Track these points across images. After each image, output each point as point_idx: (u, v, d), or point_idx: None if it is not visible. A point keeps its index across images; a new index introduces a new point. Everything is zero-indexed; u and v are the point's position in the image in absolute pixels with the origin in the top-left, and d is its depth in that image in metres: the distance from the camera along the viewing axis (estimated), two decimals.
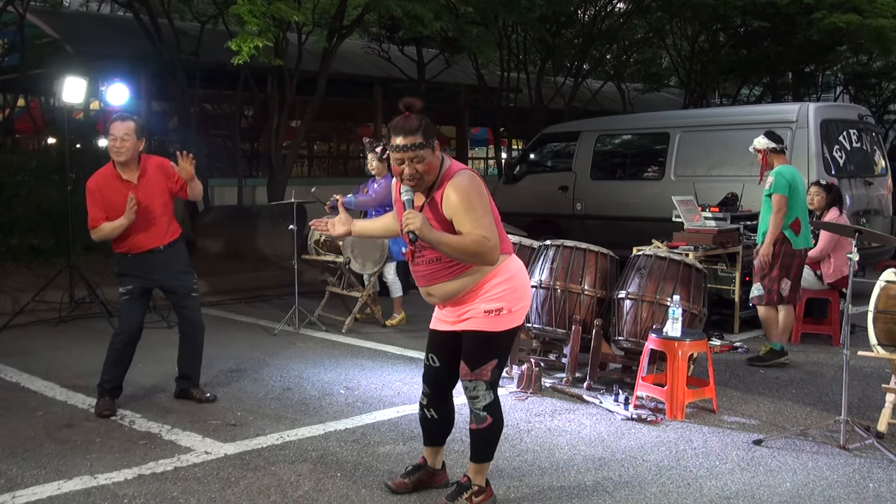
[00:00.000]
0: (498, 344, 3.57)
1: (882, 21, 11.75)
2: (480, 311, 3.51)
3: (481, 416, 3.56)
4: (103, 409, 4.92)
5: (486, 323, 3.51)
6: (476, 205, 3.38)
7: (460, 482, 3.70)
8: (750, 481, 4.01)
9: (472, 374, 3.54)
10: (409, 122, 3.38)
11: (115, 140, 4.85)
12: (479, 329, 3.52)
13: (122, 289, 5.03)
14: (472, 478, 3.66)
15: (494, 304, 3.50)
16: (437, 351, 3.75)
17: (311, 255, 7.90)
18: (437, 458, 3.91)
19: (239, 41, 8.38)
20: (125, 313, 5.04)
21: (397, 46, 14.84)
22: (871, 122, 9.77)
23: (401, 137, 3.36)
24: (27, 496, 3.75)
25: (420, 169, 3.37)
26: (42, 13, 12.71)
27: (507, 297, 3.52)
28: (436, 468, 3.91)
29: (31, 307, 7.67)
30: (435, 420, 3.80)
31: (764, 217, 6.37)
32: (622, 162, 11.16)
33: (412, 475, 3.87)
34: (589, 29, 15.39)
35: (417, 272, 3.59)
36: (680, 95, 18.26)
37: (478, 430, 3.59)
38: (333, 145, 18.57)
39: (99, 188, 4.89)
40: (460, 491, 3.65)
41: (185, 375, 5.27)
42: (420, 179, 3.39)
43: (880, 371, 5.94)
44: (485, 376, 3.54)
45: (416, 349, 6.71)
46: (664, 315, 5.32)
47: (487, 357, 3.54)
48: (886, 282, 4.69)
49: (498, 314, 3.51)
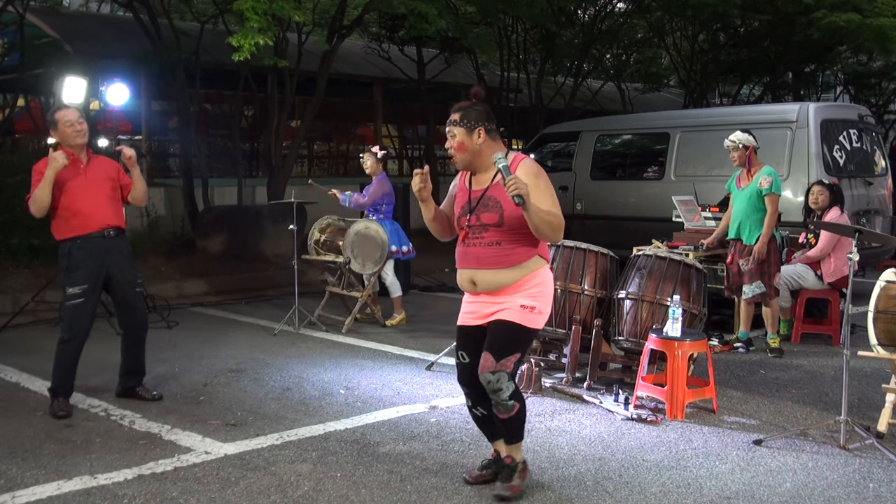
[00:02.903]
0: (524, 339, 3.73)
1: (882, 20, 11.73)
2: (517, 304, 3.67)
3: (509, 405, 3.71)
4: (58, 410, 4.88)
5: (521, 316, 3.66)
6: (549, 184, 3.66)
7: (507, 464, 3.88)
8: (750, 481, 4.01)
9: (497, 364, 3.64)
10: (459, 104, 3.77)
11: (72, 125, 4.89)
12: (512, 320, 3.66)
13: (72, 289, 4.86)
14: (514, 457, 3.87)
15: (531, 301, 3.67)
16: (466, 347, 3.86)
17: (311, 255, 7.90)
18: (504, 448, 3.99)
19: (240, 38, 8.38)
20: (75, 316, 4.90)
21: (397, 46, 14.84)
22: (871, 122, 9.76)
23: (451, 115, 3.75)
24: (27, 496, 3.75)
25: (452, 143, 3.71)
26: (42, 13, 12.68)
27: (541, 298, 3.71)
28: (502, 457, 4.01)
29: (31, 307, 7.67)
30: (486, 415, 3.90)
31: (752, 215, 6.52)
32: (622, 162, 11.16)
33: (489, 468, 3.99)
34: (589, 29, 15.38)
35: (468, 254, 3.72)
36: (680, 95, 18.25)
37: (509, 418, 3.76)
38: (333, 145, 18.57)
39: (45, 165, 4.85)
40: (511, 471, 3.84)
41: (130, 372, 5.24)
42: (455, 156, 3.72)
43: (880, 371, 5.94)
44: (508, 368, 3.66)
45: (416, 349, 6.72)
46: (664, 315, 5.32)
47: (514, 349, 3.68)
48: (886, 282, 4.69)
49: (532, 311, 3.67)
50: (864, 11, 11.85)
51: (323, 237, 7.93)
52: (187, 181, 11.62)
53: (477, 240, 3.69)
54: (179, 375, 5.88)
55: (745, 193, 6.58)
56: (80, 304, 4.90)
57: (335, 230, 7.91)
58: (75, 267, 4.89)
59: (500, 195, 3.62)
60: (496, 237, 3.65)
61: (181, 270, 10.01)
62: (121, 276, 5.05)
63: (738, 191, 6.66)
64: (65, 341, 4.94)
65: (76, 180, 4.90)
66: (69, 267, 4.91)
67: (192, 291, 9.42)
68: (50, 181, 4.78)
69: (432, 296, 9.62)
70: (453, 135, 3.71)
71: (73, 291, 4.88)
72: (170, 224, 11.88)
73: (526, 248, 3.67)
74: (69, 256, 4.91)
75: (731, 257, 6.70)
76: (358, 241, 7.39)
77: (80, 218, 4.89)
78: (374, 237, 7.45)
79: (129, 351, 5.25)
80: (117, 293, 5.10)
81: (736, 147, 6.60)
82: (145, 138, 13.60)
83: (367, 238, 7.43)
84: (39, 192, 4.78)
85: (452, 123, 3.72)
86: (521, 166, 3.64)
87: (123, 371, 5.28)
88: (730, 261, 6.71)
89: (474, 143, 3.69)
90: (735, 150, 6.61)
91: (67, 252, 4.91)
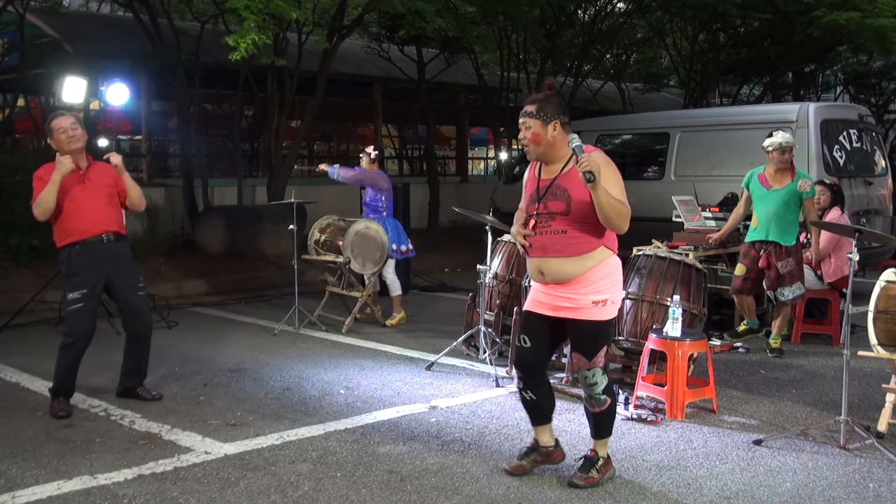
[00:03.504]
0: (606, 331, 3.87)
1: (882, 21, 11.74)
2: (588, 302, 3.75)
3: (602, 400, 3.86)
4: (58, 410, 4.89)
5: (596, 313, 3.76)
6: (617, 174, 3.70)
7: (588, 456, 3.98)
8: (750, 481, 4.01)
9: (589, 362, 3.81)
10: (534, 96, 3.85)
11: (65, 131, 4.90)
12: (590, 319, 3.77)
13: (73, 294, 4.87)
14: (599, 451, 3.97)
15: (601, 296, 3.76)
16: (529, 332, 3.94)
17: (311, 255, 7.90)
18: (548, 437, 4.08)
19: (237, 37, 8.38)
20: (77, 320, 4.90)
21: (397, 46, 14.83)
22: (871, 122, 9.77)
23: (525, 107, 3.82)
24: (27, 496, 3.75)
25: (526, 135, 3.78)
26: (42, 13, 12.68)
27: (610, 289, 3.79)
28: (549, 446, 4.08)
29: (31, 307, 7.67)
30: (535, 400, 4.00)
31: (785, 216, 6.45)
32: (622, 162, 11.12)
33: (528, 456, 4.06)
34: (589, 29, 15.38)
35: (536, 242, 3.81)
36: (680, 95, 18.24)
37: (600, 412, 3.89)
38: (333, 145, 18.57)
39: (47, 172, 4.87)
40: (590, 464, 3.94)
41: (131, 372, 5.25)
42: (528, 147, 3.80)
43: (880, 371, 5.94)
44: (600, 363, 3.82)
45: (416, 349, 6.72)
46: (664, 315, 5.32)
47: (600, 345, 3.82)
48: (886, 282, 4.69)
49: (605, 304, 3.77)
50: (865, 11, 11.85)
51: (323, 237, 7.93)
52: (187, 181, 11.62)
53: (544, 228, 3.78)
54: (179, 375, 5.88)
55: (778, 195, 6.44)
56: (81, 309, 4.89)
57: (335, 230, 7.91)
58: (75, 272, 4.90)
59: (569, 184, 3.72)
60: (563, 226, 3.73)
61: (181, 270, 10.01)
62: (122, 280, 5.05)
63: (768, 191, 6.49)
64: (67, 346, 4.94)
65: (75, 186, 4.91)
66: (69, 272, 4.92)
67: (192, 291, 9.42)
68: (56, 185, 4.79)
69: (432, 296, 9.63)
70: (528, 126, 3.77)
71: (74, 296, 4.89)
72: (170, 224, 11.88)
73: (592, 238, 3.74)
74: (69, 262, 4.92)
75: (766, 260, 6.52)
76: (358, 241, 7.39)
77: (78, 223, 4.90)
78: (374, 237, 7.45)
79: (132, 353, 5.25)
80: (120, 297, 5.09)
81: (790, 148, 6.46)
82: (145, 138, 13.61)
83: (367, 238, 7.43)
84: (45, 195, 4.79)
85: (527, 115, 3.77)
86: (592, 154, 3.66)
87: (125, 371, 5.28)
88: (766, 264, 6.53)
89: (549, 136, 3.76)
90: (788, 151, 6.46)
91: (67, 258, 4.92)
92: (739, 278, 6.70)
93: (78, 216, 4.90)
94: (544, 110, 3.75)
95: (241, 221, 11.01)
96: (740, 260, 6.73)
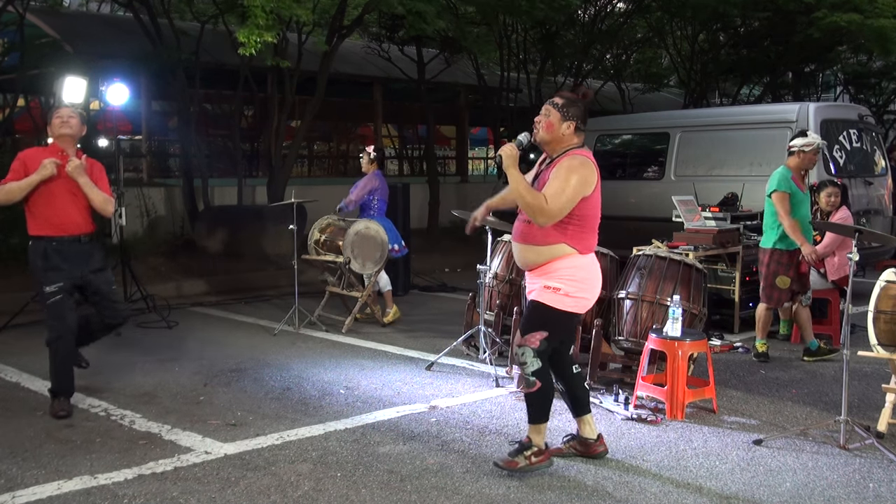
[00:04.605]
0: (550, 319, 3.96)
1: (883, 21, 11.74)
2: (541, 286, 3.97)
3: (531, 381, 3.97)
4: (58, 409, 4.90)
5: (543, 295, 3.95)
6: (568, 180, 3.84)
7: (522, 441, 4.08)
8: (750, 481, 4.01)
9: (521, 339, 3.98)
10: (566, 93, 4.04)
11: (60, 117, 5.00)
12: (536, 299, 3.99)
13: (49, 287, 4.88)
14: (533, 439, 4.06)
15: (553, 283, 3.94)
16: None
17: (311, 255, 7.90)
18: (586, 428, 4.22)
19: (246, 32, 8.38)
20: (56, 315, 4.92)
21: (397, 46, 14.83)
22: (871, 122, 9.77)
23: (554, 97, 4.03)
24: (27, 496, 3.75)
25: (541, 121, 3.98)
26: (42, 13, 12.66)
27: (567, 281, 3.93)
28: (587, 438, 4.22)
29: (31, 307, 7.65)
30: (563, 391, 4.23)
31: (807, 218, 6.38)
32: (622, 162, 11.15)
33: (568, 442, 4.23)
34: (589, 29, 15.39)
35: (515, 227, 4.08)
36: (680, 95, 18.24)
37: (529, 394, 4.01)
38: (333, 145, 18.57)
39: (32, 158, 4.92)
40: (521, 449, 4.04)
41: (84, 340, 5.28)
42: (539, 132, 3.97)
43: (880, 371, 5.93)
44: (532, 343, 3.94)
45: (416, 349, 6.72)
46: (664, 315, 5.32)
47: (538, 327, 3.95)
48: (886, 282, 4.69)
49: (556, 291, 3.93)
50: (865, 12, 11.86)
51: (323, 237, 7.93)
52: (187, 181, 11.61)
53: (522, 215, 4.04)
54: (179, 375, 5.88)
55: (807, 198, 6.37)
56: (60, 301, 4.92)
57: (335, 230, 7.91)
58: (50, 268, 4.91)
59: (543, 178, 3.96)
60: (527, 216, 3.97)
61: (181, 270, 10.01)
62: (97, 279, 5.07)
63: (804, 195, 6.34)
64: (54, 340, 4.95)
65: (58, 179, 4.91)
66: (44, 267, 4.91)
67: (192, 291, 9.42)
68: (32, 185, 4.83)
69: (432, 296, 9.62)
70: (547, 113, 3.97)
71: (51, 290, 4.91)
72: (170, 224, 11.88)
73: (551, 232, 3.91)
74: (45, 257, 4.92)
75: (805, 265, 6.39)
76: (358, 241, 7.39)
77: (55, 217, 4.92)
78: (374, 237, 7.46)
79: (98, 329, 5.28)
80: (97, 298, 5.12)
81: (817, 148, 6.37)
82: (145, 138, 13.60)
83: (367, 238, 7.44)
84: (17, 190, 4.84)
85: (553, 105, 3.98)
86: (567, 157, 3.91)
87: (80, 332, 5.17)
88: (806, 269, 6.43)
89: (561, 131, 3.96)
90: (819, 152, 6.40)
91: (43, 252, 4.92)
92: (785, 291, 6.32)
93: (54, 210, 4.92)
94: (569, 108, 3.96)
95: (241, 221, 11.01)
96: (783, 272, 6.25)
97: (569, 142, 3.98)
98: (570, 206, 3.86)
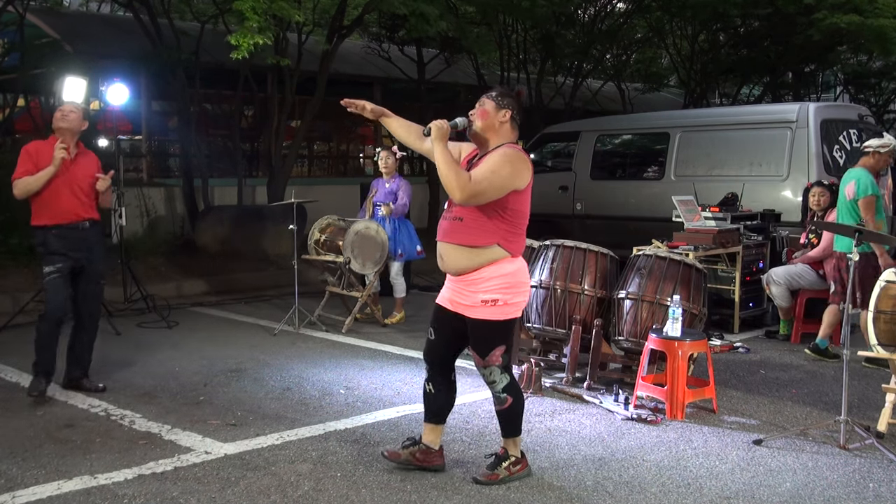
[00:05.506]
0: (500, 332, 3.87)
1: (883, 21, 11.74)
2: (478, 301, 3.82)
3: (502, 398, 3.92)
4: (32, 389, 5.09)
5: (485, 312, 3.82)
6: (495, 168, 3.71)
7: (498, 454, 4.01)
8: (750, 481, 4.01)
9: (483, 361, 3.88)
10: (500, 87, 4.00)
11: (61, 110, 5.21)
12: (480, 318, 3.83)
13: (49, 267, 5.13)
14: (509, 449, 3.99)
15: (490, 295, 3.80)
16: (435, 325, 4.05)
17: (311, 255, 7.89)
18: (435, 438, 4.09)
19: (238, 36, 8.38)
20: (52, 291, 5.13)
21: (397, 46, 14.83)
22: (871, 122, 9.76)
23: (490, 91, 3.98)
24: (27, 496, 3.75)
25: (476, 110, 3.88)
26: (42, 13, 12.66)
27: (502, 290, 3.81)
28: (431, 447, 4.08)
29: (31, 307, 7.65)
30: (432, 395, 4.06)
31: None
32: (622, 162, 11.15)
33: (407, 448, 4.08)
34: (589, 29, 15.39)
35: (440, 225, 3.94)
36: (680, 95, 18.25)
37: (501, 410, 3.94)
38: (333, 145, 18.55)
39: (36, 150, 5.16)
40: (499, 461, 3.97)
41: (77, 363, 5.40)
42: (474, 122, 3.86)
43: (880, 371, 5.94)
44: (496, 361, 3.87)
45: (416, 349, 6.71)
46: (664, 315, 5.32)
47: (493, 344, 3.87)
48: (886, 282, 4.69)
49: (494, 304, 3.81)
50: (865, 12, 11.86)
51: (323, 237, 7.92)
52: (187, 181, 11.61)
53: (449, 213, 3.89)
54: (179, 375, 5.87)
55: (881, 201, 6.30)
56: (57, 279, 5.13)
57: (335, 230, 7.91)
58: (51, 252, 5.15)
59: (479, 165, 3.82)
60: (461, 212, 3.80)
61: (181, 270, 10.01)
62: (91, 269, 5.31)
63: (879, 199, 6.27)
64: (43, 315, 5.16)
65: (60, 170, 5.11)
66: (46, 251, 5.17)
67: (192, 291, 9.42)
68: (49, 176, 5.05)
69: (432, 296, 9.50)
70: (482, 103, 3.89)
71: (49, 269, 5.14)
72: (170, 224, 11.88)
73: (487, 233, 3.77)
74: (45, 244, 5.16)
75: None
76: (358, 241, 7.39)
77: (56, 206, 5.13)
78: (374, 237, 7.45)
79: (79, 340, 5.41)
80: (81, 284, 5.31)
81: None
82: (145, 138, 13.59)
83: (367, 238, 7.43)
84: (34, 182, 5.05)
85: (487, 96, 3.91)
86: (502, 148, 3.80)
87: (71, 361, 5.42)
88: None
89: (495, 118, 3.85)
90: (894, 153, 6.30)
91: (43, 240, 5.16)
92: None
93: (57, 199, 5.13)
94: (503, 98, 3.89)
95: (241, 221, 11.01)
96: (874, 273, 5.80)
97: (505, 135, 3.86)
98: (495, 193, 3.70)
